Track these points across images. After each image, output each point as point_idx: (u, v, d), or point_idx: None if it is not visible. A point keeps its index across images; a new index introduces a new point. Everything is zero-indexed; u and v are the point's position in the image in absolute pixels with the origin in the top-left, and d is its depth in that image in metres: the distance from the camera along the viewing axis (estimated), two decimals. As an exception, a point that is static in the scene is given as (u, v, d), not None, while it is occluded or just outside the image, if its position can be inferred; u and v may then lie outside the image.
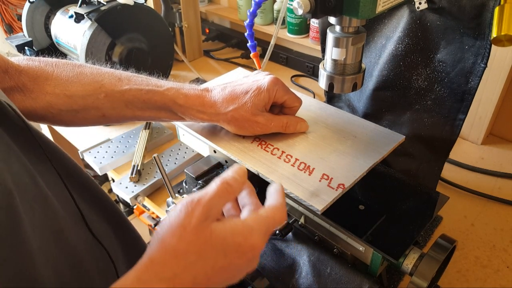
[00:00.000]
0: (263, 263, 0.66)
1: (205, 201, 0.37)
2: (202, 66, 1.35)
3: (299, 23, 1.23)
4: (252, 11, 0.63)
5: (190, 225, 0.36)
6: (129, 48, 0.96)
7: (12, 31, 1.79)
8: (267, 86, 0.56)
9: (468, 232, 0.74)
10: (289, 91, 0.59)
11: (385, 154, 0.57)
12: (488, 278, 0.66)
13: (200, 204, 0.37)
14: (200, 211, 0.36)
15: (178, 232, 0.35)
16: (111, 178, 1.01)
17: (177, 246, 0.35)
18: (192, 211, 0.36)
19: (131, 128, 1.00)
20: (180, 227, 0.36)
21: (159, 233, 0.36)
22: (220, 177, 0.40)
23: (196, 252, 0.35)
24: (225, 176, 0.40)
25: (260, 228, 0.39)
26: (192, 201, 0.37)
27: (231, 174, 0.41)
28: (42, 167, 0.40)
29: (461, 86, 0.62)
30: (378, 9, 0.45)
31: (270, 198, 0.43)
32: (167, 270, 0.34)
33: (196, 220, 0.36)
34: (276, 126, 0.58)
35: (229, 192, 0.40)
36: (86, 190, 0.46)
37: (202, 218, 0.36)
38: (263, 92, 0.56)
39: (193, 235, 0.35)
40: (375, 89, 0.72)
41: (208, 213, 0.37)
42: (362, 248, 0.58)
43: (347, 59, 0.51)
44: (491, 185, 0.83)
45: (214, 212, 0.38)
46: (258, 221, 0.39)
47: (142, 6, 0.98)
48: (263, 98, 0.56)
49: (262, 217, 0.40)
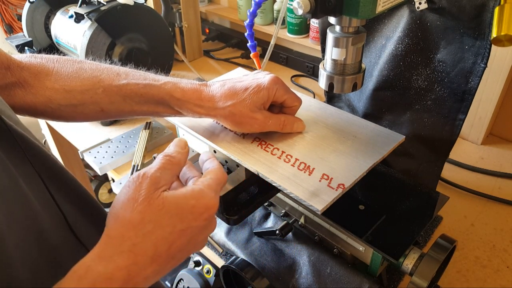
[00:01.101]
0: (263, 263, 0.66)
1: (151, 173, 0.39)
2: (202, 66, 1.35)
3: (299, 23, 1.23)
4: (252, 11, 0.63)
5: (141, 196, 0.37)
6: (129, 48, 0.96)
7: (12, 31, 1.79)
8: (267, 84, 0.57)
9: (468, 232, 0.74)
10: (289, 90, 0.59)
11: (385, 154, 0.57)
12: (488, 278, 0.66)
13: (147, 177, 0.38)
14: (148, 182, 0.38)
15: (130, 205, 0.36)
16: (111, 178, 1.01)
17: (131, 217, 0.36)
18: (140, 184, 0.38)
19: (131, 128, 1.00)
20: (131, 199, 0.37)
21: (112, 211, 0.37)
22: (162, 153, 0.43)
23: (152, 220, 0.36)
24: (166, 151, 0.43)
25: (210, 188, 0.41)
26: (139, 175, 0.38)
27: (172, 148, 0.43)
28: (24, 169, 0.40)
29: (461, 86, 0.62)
30: (378, 9, 0.45)
31: (206, 165, 0.46)
32: (125, 241, 0.35)
33: (145, 191, 0.37)
34: (273, 124, 0.59)
35: (173, 163, 0.42)
36: (70, 192, 0.46)
37: (151, 189, 0.37)
38: (263, 90, 0.56)
39: (145, 205, 0.37)
40: (375, 89, 0.72)
41: (156, 184, 0.38)
42: (362, 248, 0.58)
43: (347, 59, 0.51)
44: (491, 185, 0.83)
45: (163, 183, 0.39)
46: (205, 183, 0.41)
47: (142, 6, 0.98)
48: (262, 96, 0.56)
49: (208, 179, 0.42)
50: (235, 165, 0.60)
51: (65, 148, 1.32)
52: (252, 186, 0.61)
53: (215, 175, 0.43)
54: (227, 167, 0.62)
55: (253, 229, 0.72)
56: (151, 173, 0.39)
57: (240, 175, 0.59)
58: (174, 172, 0.42)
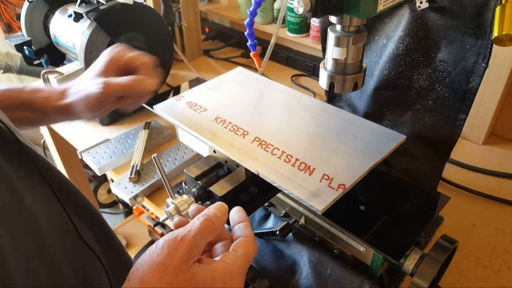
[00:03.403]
0: (263, 263, 0.65)
1: (189, 240, 0.37)
2: (202, 65, 1.34)
3: (300, 22, 1.23)
4: (252, 10, 0.63)
5: (172, 265, 0.35)
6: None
7: (11, 31, 1.79)
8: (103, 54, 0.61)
9: (469, 232, 0.73)
10: (132, 50, 0.62)
11: (386, 154, 0.57)
12: (489, 278, 0.65)
13: (184, 243, 0.36)
14: (183, 250, 0.36)
15: (158, 272, 0.35)
16: (110, 179, 1.01)
17: (157, 286, 0.34)
18: (175, 250, 0.36)
19: (130, 128, 1.00)
20: (161, 265, 0.35)
21: (139, 269, 0.35)
22: (202, 214, 0.40)
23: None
24: (207, 213, 0.40)
25: (240, 271, 0.38)
26: (176, 239, 0.36)
27: (214, 211, 0.41)
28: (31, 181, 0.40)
29: (462, 85, 0.62)
30: (379, 8, 0.45)
31: (237, 231, 0.42)
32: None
33: (178, 260, 0.35)
34: (119, 86, 0.59)
35: (211, 230, 0.39)
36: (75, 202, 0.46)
37: (185, 258, 0.36)
38: (101, 58, 0.61)
39: (174, 276, 0.35)
40: (376, 89, 0.72)
41: (190, 253, 0.36)
42: (362, 248, 0.58)
43: (348, 58, 0.51)
44: (492, 185, 0.83)
45: (196, 252, 0.37)
46: (237, 263, 0.38)
47: (142, 5, 0.98)
48: (97, 63, 0.60)
49: (239, 256, 0.39)
50: (235, 165, 0.59)
51: (64, 148, 1.32)
52: (252, 186, 0.61)
53: (246, 251, 0.40)
54: (227, 167, 0.62)
55: (253, 229, 0.71)
56: (189, 239, 0.37)
57: (240, 175, 0.59)
58: (209, 239, 0.40)
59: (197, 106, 0.69)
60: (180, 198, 0.55)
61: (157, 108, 0.69)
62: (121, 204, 2.14)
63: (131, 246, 1.73)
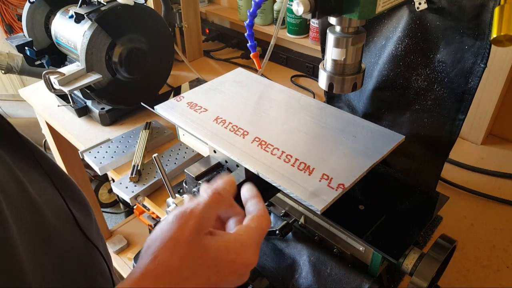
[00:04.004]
0: (263, 263, 0.66)
1: (198, 212, 0.36)
2: (202, 66, 1.35)
3: (299, 23, 1.23)
4: (252, 12, 0.63)
5: (183, 238, 0.35)
6: (129, 48, 0.96)
7: (13, 31, 1.80)
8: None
9: (468, 232, 0.74)
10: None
11: (385, 154, 0.57)
12: (488, 278, 0.66)
13: (193, 216, 0.36)
14: (193, 223, 0.35)
15: (170, 246, 0.34)
16: (111, 178, 1.01)
17: (170, 261, 0.34)
18: (185, 223, 0.35)
19: (131, 128, 1.00)
20: (172, 240, 0.34)
21: (151, 246, 0.35)
22: (210, 186, 0.40)
23: (189, 268, 0.34)
24: (215, 186, 0.40)
25: (253, 243, 0.38)
26: (185, 212, 0.36)
27: (222, 184, 0.40)
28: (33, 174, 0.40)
29: (461, 86, 0.62)
30: (378, 9, 0.45)
31: (250, 206, 0.42)
32: (160, 285, 0.33)
33: (189, 232, 0.35)
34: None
35: (220, 202, 0.39)
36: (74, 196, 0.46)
37: (195, 231, 0.35)
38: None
39: (186, 249, 0.34)
40: (375, 89, 0.72)
41: (201, 225, 0.36)
42: (362, 248, 0.58)
43: (347, 59, 0.51)
44: (491, 185, 0.83)
45: (207, 224, 0.37)
46: (250, 235, 0.38)
47: (142, 6, 0.98)
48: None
49: (252, 229, 0.39)
50: (235, 165, 0.60)
51: (65, 148, 1.32)
52: (252, 186, 0.61)
53: (260, 224, 0.39)
54: (227, 167, 0.62)
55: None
56: (198, 212, 0.36)
57: (240, 175, 0.59)
58: (219, 211, 0.40)
59: (198, 106, 0.69)
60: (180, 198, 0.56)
61: (158, 108, 0.70)
62: (122, 203, 2.15)
63: (132, 246, 1.73)
